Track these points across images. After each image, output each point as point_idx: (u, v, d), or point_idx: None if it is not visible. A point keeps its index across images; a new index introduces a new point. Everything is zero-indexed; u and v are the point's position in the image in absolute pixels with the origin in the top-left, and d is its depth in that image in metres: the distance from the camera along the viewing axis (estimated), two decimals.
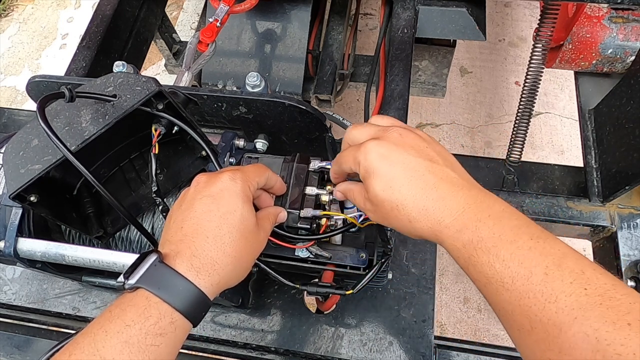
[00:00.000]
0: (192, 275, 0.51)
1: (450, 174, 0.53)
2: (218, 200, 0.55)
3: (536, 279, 0.44)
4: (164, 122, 0.65)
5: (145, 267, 0.50)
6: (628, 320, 0.39)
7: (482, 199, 0.50)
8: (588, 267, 0.44)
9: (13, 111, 1.25)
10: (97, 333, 0.47)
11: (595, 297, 0.41)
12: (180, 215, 0.56)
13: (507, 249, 0.46)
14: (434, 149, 0.55)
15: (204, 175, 0.59)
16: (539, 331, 0.43)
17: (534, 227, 0.48)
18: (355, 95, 2.32)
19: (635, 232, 1.00)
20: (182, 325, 0.50)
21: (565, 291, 0.42)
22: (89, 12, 2.69)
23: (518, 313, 0.45)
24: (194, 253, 0.52)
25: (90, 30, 1.19)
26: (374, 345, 0.90)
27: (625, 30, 1.15)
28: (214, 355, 0.95)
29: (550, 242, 0.46)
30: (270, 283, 0.96)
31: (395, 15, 1.19)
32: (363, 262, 0.71)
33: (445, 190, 0.51)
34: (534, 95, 1.09)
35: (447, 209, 0.50)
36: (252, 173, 0.60)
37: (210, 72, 1.35)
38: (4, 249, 0.70)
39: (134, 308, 0.48)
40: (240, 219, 0.55)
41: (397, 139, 0.55)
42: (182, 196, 0.59)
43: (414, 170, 0.52)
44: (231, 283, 0.55)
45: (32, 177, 0.59)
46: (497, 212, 0.49)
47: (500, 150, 2.16)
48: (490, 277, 0.47)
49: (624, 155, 0.97)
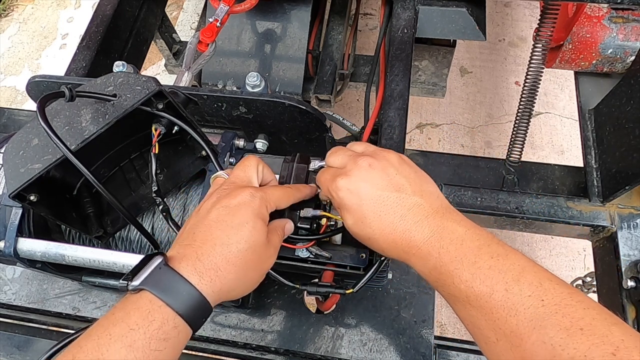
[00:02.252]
0: (195, 279, 0.51)
1: (417, 201, 0.56)
2: (233, 213, 0.55)
3: (497, 295, 0.48)
4: (164, 122, 0.65)
5: (150, 269, 0.50)
6: (580, 325, 0.43)
7: (444, 225, 0.54)
8: (546, 279, 0.48)
9: (13, 111, 1.24)
10: (101, 336, 0.47)
11: (551, 306, 0.45)
12: (195, 222, 0.57)
13: (468, 271, 0.50)
14: (403, 175, 0.58)
15: (228, 185, 0.60)
16: (503, 342, 0.47)
17: (495, 245, 0.52)
18: (355, 95, 2.32)
19: (635, 232, 1.00)
20: (184, 331, 0.50)
21: (525, 304, 0.46)
22: (89, 12, 2.69)
23: (485, 327, 0.49)
24: (199, 257, 0.52)
25: (90, 30, 1.19)
26: (374, 345, 0.90)
27: (625, 30, 1.15)
28: (214, 355, 0.94)
29: (510, 258, 0.50)
30: (270, 283, 0.96)
31: (395, 15, 1.19)
32: (363, 262, 0.71)
33: (411, 222, 0.54)
34: (534, 95, 1.09)
35: (413, 240, 0.54)
36: (276, 197, 0.61)
37: (210, 72, 1.35)
38: (4, 249, 0.70)
39: (138, 311, 0.48)
40: (251, 233, 0.55)
41: (365, 173, 0.57)
42: (202, 204, 0.59)
43: (382, 204, 0.56)
44: (233, 294, 0.55)
45: (32, 176, 0.59)
46: (459, 236, 0.53)
47: (500, 150, 2.16)
48: (457, 297, 0.51)
49: (624, 155, 0.97)
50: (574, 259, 1.91)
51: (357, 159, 0.59)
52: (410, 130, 2.24)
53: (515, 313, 0.46)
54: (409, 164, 0.60)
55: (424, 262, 0.54)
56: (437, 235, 0.53)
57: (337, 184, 0.58)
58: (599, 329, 0.43)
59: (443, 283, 0.52)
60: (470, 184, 1.09)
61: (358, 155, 0.60)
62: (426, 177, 0.60)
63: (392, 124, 1.00)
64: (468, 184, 1.09)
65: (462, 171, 1.11)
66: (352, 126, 1.15)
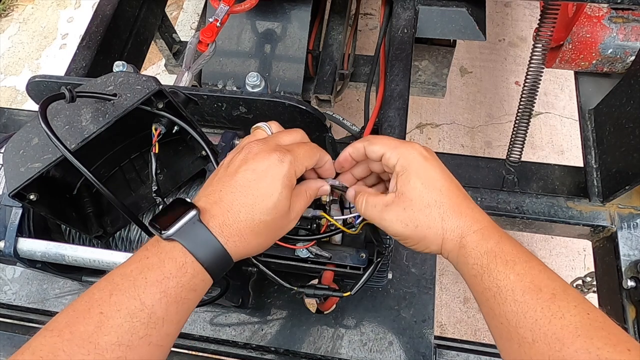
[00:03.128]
0: (222, 240, 0.53)
1: (469, 196, 0.59)
2: (260, 179, 0.55)
3: (545, 295, 0.48)
4: (164, 121, 0.65)
5: (184, 221, 0.52)
6: (628, 346, 0.43)
7: (499, 227, 0.56)
8: (587, 300, 0.49)
9: (13, 111, 1.24)
10: (137, 278, 0.49)
11: (597, 322, 0.46)
12: (223, 178, 0.57)
13: (522, 266, 0.51)
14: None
15: (257, 144, 0.58)
16: (541, 344, 0.46)
17: (540, 260, 0.53)
18: (355, 95, 2.32)
19: (635, 232, 1.00)
20: (208, 283, 0.54)
21: (571, 311, 0.46)
22: (89, 12, 2.69)
23: (522, 325, 0.48)
24: (226, 222, 0.54)
25: (90, 30, 1.19)
26: (374, 345, 0.90)
27: (625, 30, 1.15)
28: (214, 355, 0.94)
29: (555, 274, 0.51)
30: (270, 283, 0.96)
31: (395, 15, 1.19)
32: (363, 262, 0.71)
33: (473, 204, 0.57)
34: (534, 95, 1.09)
35: (476, 219, 0.55)
36: (303, 156, 0.59)
37: (210, 72, 1.35)
38: (4, 249, 0.70)
39: (173, 262, 0.51)
40: (275, 204, 0.55)
41: (434, 154, 0.60)
42: (231, 157, 0.59)
43: (451, 178, 0.58)
44: (251, 255, 0.58)
45: (31, 175, 0.59)
46: (512, 239, 0.54)
47: (500, 150, 2.16)
48: (503, 287, 0.50)
49: (624, 155, 0.97)
50: (574, 259, 1.91)
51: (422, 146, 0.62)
52: (410, 130, 2.24)
53: (561, 316, 0.46)
54: None
55: (483, 242, 0.53)
56: (495, 226, 0.55)
57: (412, 145, 0.59)
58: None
59: (494, 269, 0.51)
60: (470, 184, 1.09)
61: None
62: None
63: (392, 124, 1.00)
64: (468, 184, 1.09)
65: (462, 171, 1.11)
66: (352, 126, 1.15)
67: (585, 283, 1.35)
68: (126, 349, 0.46)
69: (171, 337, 0.51)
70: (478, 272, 0.53)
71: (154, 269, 0.50)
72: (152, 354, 0.48)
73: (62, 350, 0.45)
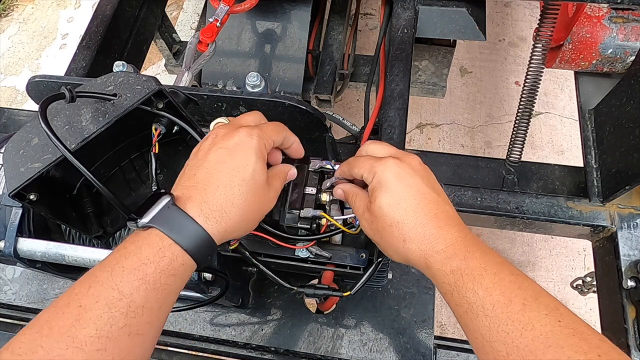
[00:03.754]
0: (202, 220, 0.53)
1: (449, 210, 0.58)
2: (233, 153, 0.56)
3: (515, 307, 0.48)
4: (164, 121, 0.65)
5: (159, 208, 0.52)
6: (598, 352, 0.43)
7: (471, 237, 0.55)
8: (561, 305, 0.48)
9: (13, 111, 1.24)
10: (115, 268, 0.49)
11: (569, 329, 0.45)
12: (195, 163, 0.57)
13: (490, 279, 0.50)
14: (438, 185, 0.61)
15: (222, 128, 0.60)
16: (515, 357, 0.46)
17: (514, 267, 0.53)
18: (355, 95, 2.32)
19: (635, 232, 1.00)
20: (190, 267, 0.53)
21: (542, 321, 0.46)
22: (89, 12, 2.69)
23: (495, 339, 0.48)
24: (205, 200, 0.54)
25: (90, 30, 1.19)
26: (374, 345, 0.90)
27: (625, 30, 1.15)
28: (214, 355, 0.95)
29: (528, 281, 0.51)
30: (270, 283, 0.96)
31: (395, 15, 1.19)
32: (363, 262, 0.71)
33: (442, 222, 0.56)
34: (534, 95, 1.09)
35: (442, 237, 0.55)
36: (270, 131, 0.61)
37: (210, 72, 1.35)
38: (4, 249, 0.70)
39: (149, 247, 0.50)
40: (252, 174, 0.56)
41: (415, 165, 0.60)
42: (199, 146, 0.60)
43: (423, 196, 0.57)
44: (236, 234, 0.58)
45: (31, 176, 0.59)
46: (484, 249, 0.54)
47: (500, 150, 2.16)
48: (472, 303, 0.50)
49: (624, 155, 0.97)
50: (574, 259, 1.91)
51: (407, 154, 0.62)
52: (410, 130, 2.24)
53: (531, 327, 0.46)
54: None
55: (448, 261, 0.53)
56: (464, 242, 0.54)
57: (387, 162, 0.59)
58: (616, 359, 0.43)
59: (461, 286, 0.51)
60: (470, 184, 1.09)
61: (407, 153, 0.63)
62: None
63: (392, 124, 1.00)
64: (468, 184, 1.09)
65: (462, 171, 1.11)
66: (352, 126, 1.15)
67: (585, 283, 1.35)
68: (106, 340, 0.46)
69: (153, 325, 0.50)
70: (448, 290, 0.53)
71: (131, 256, 0.50)
72: (133, 344, 0.48)
73: (40, 346, 0.44)
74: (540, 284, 0.51)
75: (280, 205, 0.68)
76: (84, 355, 0.45)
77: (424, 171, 0.60)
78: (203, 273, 0.71)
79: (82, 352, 0.45)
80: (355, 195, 0.63)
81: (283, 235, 0.68)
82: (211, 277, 0.72)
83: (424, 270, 0.57)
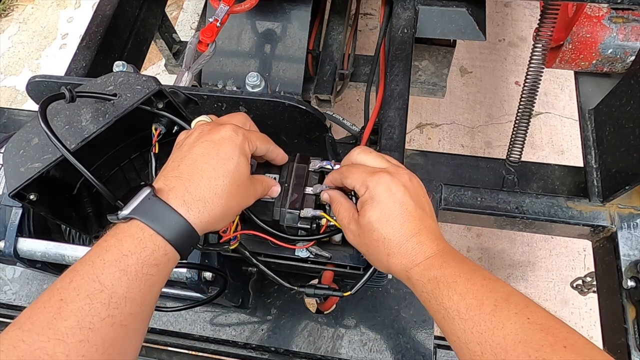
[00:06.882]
0: (184, 210, 0.53)
1: (431, 225, 0.61)
2: (217, 146, 0.57)
3: (487, 309, 0.51)
4: (164, 121, 0.65)
5: (139, 200, 0.52)
6: (564, 344, 0.46)
7: (449, 249, 0.59)
8: (531, 303, 0.52)
9: (13, 111, 1.24)
10: (95, 261, 0.49)
11: (537, 325, 0.48)
12: (179, 155, 0.58)
13: (464, 285, 0.54)
14: (425, 199, 0.63)
15: (208, 124, 0.61)
16: (488, 355, 0.49)
17: (487, 272, 0.56)
18: (355, 95, 2.32)
19: (635, 232, 1.00)
20: (174, 257, 0.53)
21: (511, 319, 0.49)
22: (89, 12, 2.69)
23: (470, 340, 0.51)
24: (188, 190, 0.54)
25: (90, 30, 1.19)
26: (374, 345, 0.90)
27: (625, 30, 1.15)
28: (214, 355, 0.95)
29: (500, 283, 0.54)
30: (270, 283, 0.96)
31: (395, 15, 1.19)
32: (363, 262, 0.71)
33: (424, 238, 0.59)
34: (534, 95, 1.09)
35: (422, 252, 0.58)
36: (255, 136, 0.63)
37: (210, 72, 1.35)
38: (4, 249, 0.70)
39: (130, 239, 0.51)
40: (236, 167, 0.57)
41: (406, 182, 0.61)
42: (184, 139, 0.61)
43: (409, 214, 0.59)
44: (218, 226, 0.58)
45: (31, 176, 0.60)
46: (459, 258, 0.58)
47: (500, 150, 2.16)
48: (448, 308, 0.53)
49: (624, 155, 0.97)
50: (574, 259, 1.91)
51: (398, 168, 0.63)
52: (410, 130, 2.24)
53: (502, 326, 0.49)
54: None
55: (425, 272, 0.57)
56: (441, 253, 0.58)
57: (381, 177, 0.60)
58: (581, 349, 0.46)
59: (438, 293, 0.55)
60: (470, 184, 1.09)
61: (398, 166, 0.65)
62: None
63: (392, 124, 1.00)
64: (468, 184, 1.09)
65: (462, 171, 1.11)
66: (352, 126, 1.15)
67: (585, 283, 1.35)
68: (88, 332, 0.46)
69: (137, 317, 0.50)
70: (426, 298, 0.56)
71: (112, 249, 0.50)
72: (116, 335, 0.48)
73: (22, 340, 0.44)
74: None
75: (280, 205, 0.68)
76: (66, 347, 0.45)
77: (413, 187, 0.62)
78: (203, 273, 0.71)
79: (64, 343, 0.45)
80: (340, 204, 0.65)
81: (283, 236, 0.68)
82: (211, 277, 0.72)
83: (405, 281, 0.60)
